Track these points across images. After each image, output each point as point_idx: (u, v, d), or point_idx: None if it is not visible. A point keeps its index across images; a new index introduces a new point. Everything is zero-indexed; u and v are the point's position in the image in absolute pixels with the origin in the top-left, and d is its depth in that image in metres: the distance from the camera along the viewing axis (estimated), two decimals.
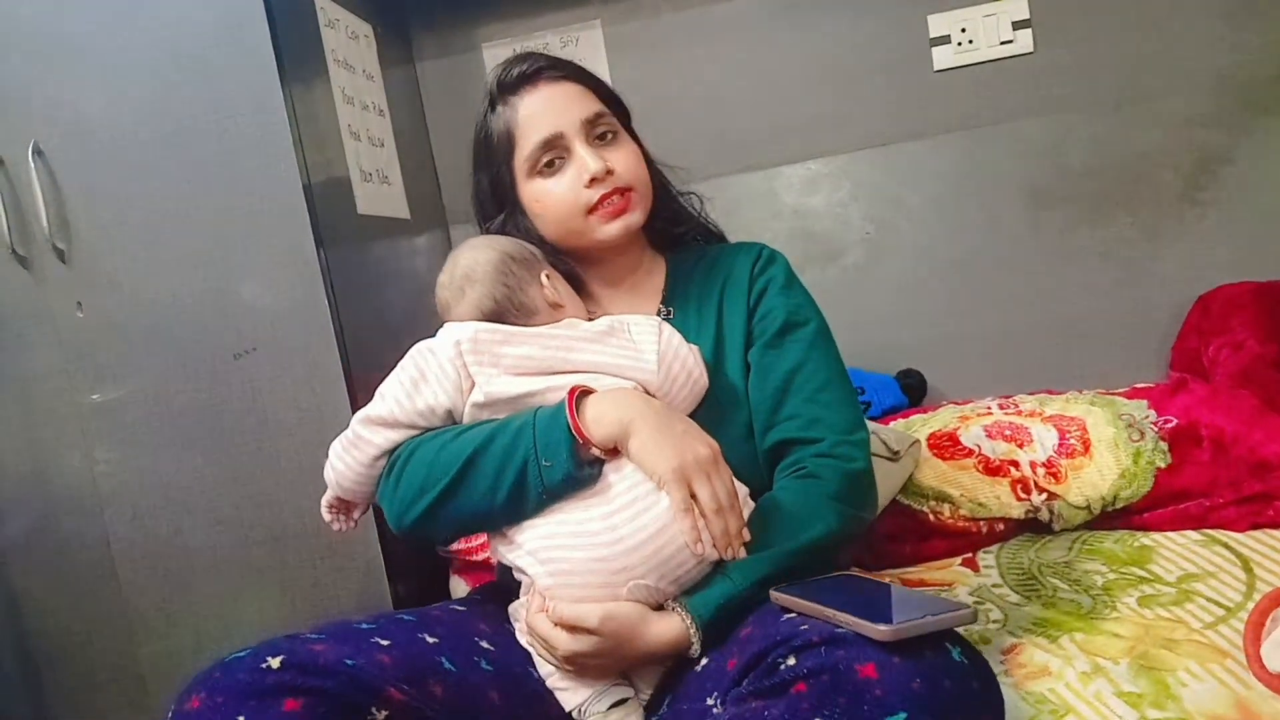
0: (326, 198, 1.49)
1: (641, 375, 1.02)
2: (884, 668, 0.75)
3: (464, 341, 1.01)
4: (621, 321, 1.07)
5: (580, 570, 0.94)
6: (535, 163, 1.10)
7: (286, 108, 1.41)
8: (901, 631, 0.77)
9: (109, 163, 1.45)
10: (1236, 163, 1.82)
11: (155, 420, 1.48)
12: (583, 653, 0.93)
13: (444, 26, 2.01)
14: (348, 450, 1.05)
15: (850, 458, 1.05)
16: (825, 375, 1.10)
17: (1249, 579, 1.23)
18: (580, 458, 0.94)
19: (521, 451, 0.95)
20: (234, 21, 1.41)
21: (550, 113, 1.10)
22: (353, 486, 1.07)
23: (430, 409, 1.02)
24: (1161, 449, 1.45)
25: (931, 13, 1.87)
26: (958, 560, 1.44)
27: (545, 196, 1.11)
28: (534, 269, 1.10)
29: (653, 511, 0.93)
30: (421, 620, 1.01)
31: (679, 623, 0.94)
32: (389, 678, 0.88)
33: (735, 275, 1.17)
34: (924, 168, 1.91)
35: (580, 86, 1.12)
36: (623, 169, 1.10)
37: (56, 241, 1.47)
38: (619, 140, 1.13)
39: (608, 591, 0.94)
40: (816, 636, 0.79)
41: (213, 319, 1.46)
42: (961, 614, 0.80)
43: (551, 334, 1.04)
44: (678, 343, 1.06)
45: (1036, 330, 1.89)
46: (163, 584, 1.51)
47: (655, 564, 0.93)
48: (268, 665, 0.83)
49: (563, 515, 0.96)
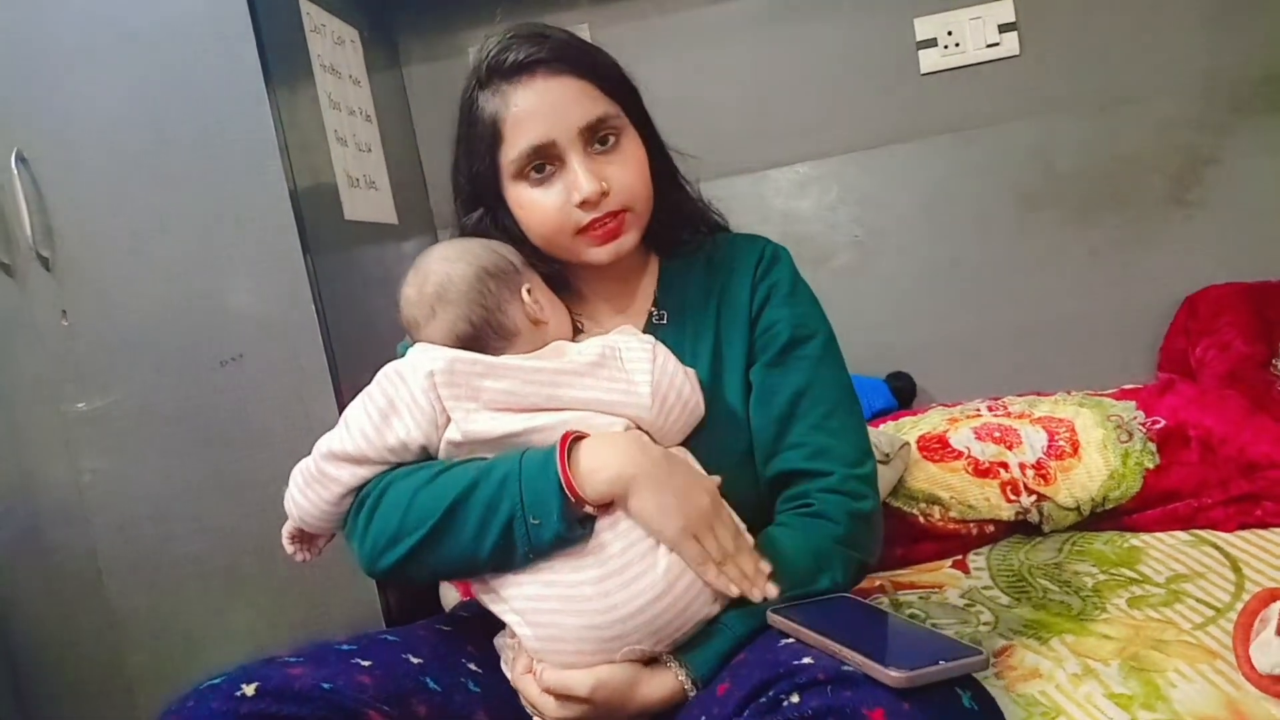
0: (313, 203, 1.48)
1: (634, 411, 0.95)
2: (893, 714, 0.72)
3: (439, 373, 0.92)
4: (612, 347, 0.98)
5: (571, 638, 0.88)
6: (523, 167, 0.99)
7: (272, 113, 1.40)
8: (915, 679, 0.73)
9: (93, 170, 1.44)
10: (1223, 164, 1.82)
11: (142, 428, 1.47)
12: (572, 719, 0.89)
13: (430, 31, 2.01)
14: (310, 485, 0.97)
15: (859, 495, 1.00)
16: (833, 398, 1.03)
17: (1238, 579, 1.23)
18: (571, 516, 0.87)
19: (507, 506, 0.88)
20: (219, 27, 1.40)
21: (544, 115, 0.97)
22: (317, 523, 0.99)
23: (402, 444, 0.93)
24: (1150, 450, 1.45)
25: (918, 16, 1.87)
26: (948, 562, 1.45)
27: (531, 206, 1.01)
28: (513, 283, 1.00)
29: (649, 577, 0.88)
30: (405, 640, 0.99)
31: (673, 679, 0.89)
32: (369, 699, 0.86)
33: (735, 280, 1.08)
34: (912, 171, 1.92)
35: (583, 83, 0.99)
36: (619, 187, 0.99)
37: (40, 249, 1.46)
38: (621, 145, 1.01)
39: (600, 658, 0.88)
40: (823, 674, 0.76)
41: (199, 326, 1.45)
42: (974, 660, 0.77)
43: (536, 368, 0.95)
44: (673, 369, 0.98)
45: (1025, 332, 1.90)
46: (150, 593, 1.49)
47: (651, 630, 0.88)
48: (242, 693, 0.81)
49: (552, 575, 0.89)
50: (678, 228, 1.12)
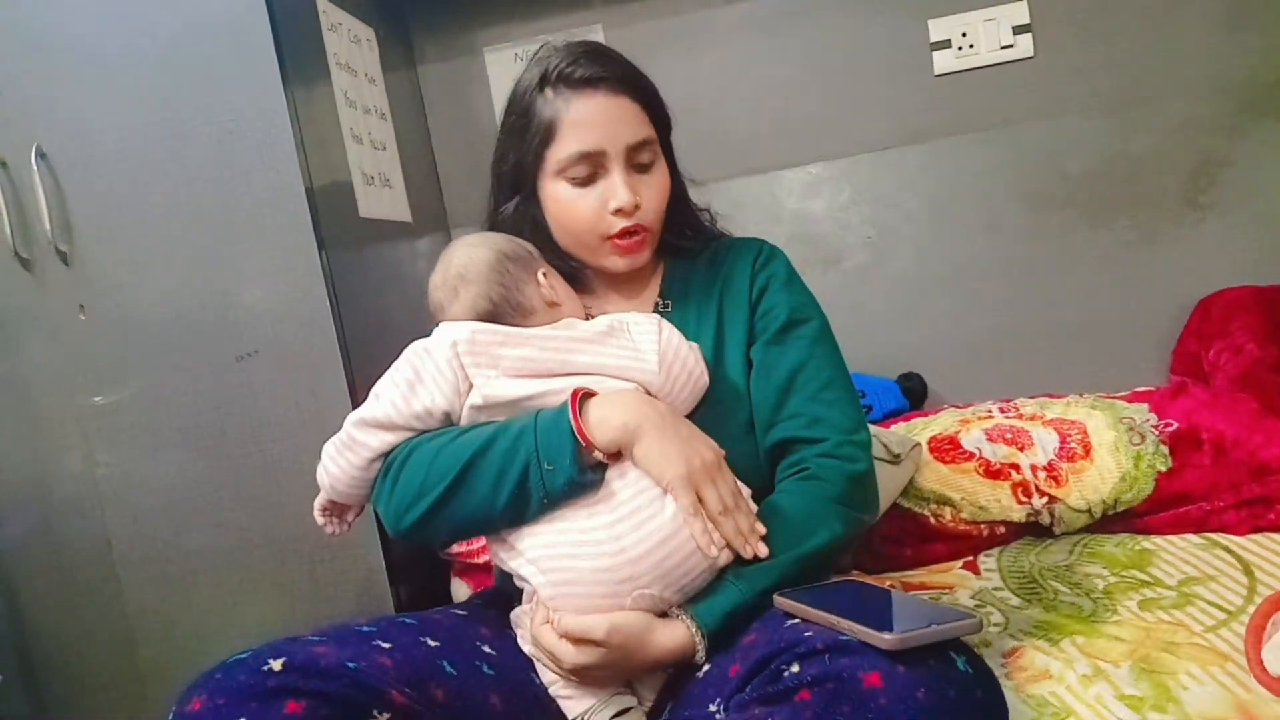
0: (328, 201, 1.49)
1: (642, 376, 1.01)
2: (888, 677, 0.75)
3: (461, 342, 0.99)
4: (621, 321, 1.05)
5: (584, 580, 0.92)
6: (567, 168, 1.07)
7: (289, 111, 1.41)
8: (907, 640, 0.76)
9: (111, 165, 1.45)
10: (1236, 166, 1.82)
11: (157, 423, 1.48)
12: (589, 665, 0.92)
13: (446, 30, 2.02)
14: (341, 453, 1.03)
15: (853, 458, 1.05)
16: (828, 374, 1.09)
17: (1250, 582, 1.23)
18: (583, 462, 0.93)
19: (523, 455, 0.94)
20: (237, 25, 1.41)
21: (600, 126, 1.06)
22: (347, 490, 1.05)
23: (427, 411, 1.00)
24: (1162, 452, 1.45)
25: (932, 17, 1.87)
26: (959, 563, 1.45)
27: (568, 205, 1.09)
28: (530, 267, 1.08)
29: (658, 520, 0.92)
30: (423, 624, 1.01)
31: (684, 631, 0.93)
32: (390, 680, 0.87)
33: (735, 271, 1.16)
34: (924, 172, 1.92)
35: (636, 106, 1.08)
36: (648, 207, 1.09)
37: (59, 244, 1.47)
38: (654, 171, 1.10)
39: (612, 601, 0.92)
40: (821, 644, 0.79)
41: (214, 322, 1.46)
42: (967, 623, 0.80)
43: (550, 335, 1.02)
44: (678, 341, 1.05)
45: (1037, 334, 1.90)
46: (163, 586, 1.51)
47: (660, 573, 0.92)
48: (269, 667, 0.83)
49: (564, 523, 0.94)
50: (685, 239, 1.20)
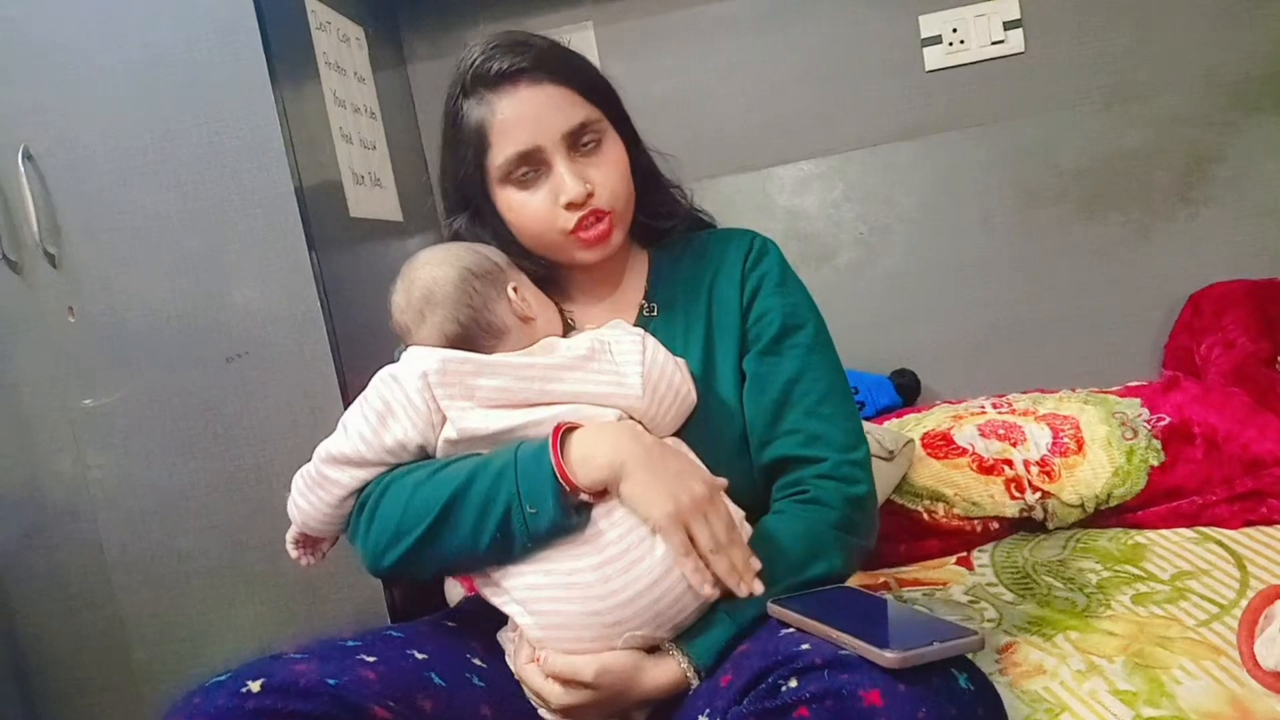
0: (318, 201, 1.48)
1: (626, 401, 0.96)
2: (889, 695, 0.73)
3: (431, 373, 0.94)
4: (602, 341, 1.00)
5: (572, 625, 0.89)
6: (509, 173, 1.02)
7: (278, 111, 1.40)
8: (909, 659, 0.74)
9: (100, 167, 1.44)
10: (1228, 161, 1.82)
11: (148, 425, 1.47)
12: (577, 706, 0.90)
13: (435, 28, 2.01)
14: (312, 489, 0.98)
15: (853, 480, 1.01)
16: (825, 385, 1.05)
17: (1242, 576, 1.23)
18: (567, 504, 0.88)
19: (504, 497, 0.89)
20: (225, 25, 1.40)
21: (529, 122, 1.00)
22: (320, 526, 1.01)
23: (400, 444, 0.95)
24: (1155, 447, 1.45)
25: (923, 13, 1.87)
26: (952, 559, 1.45)
27: (520, 209, 1.04)
28: (499, 282, 1.02)
29: (646, 562, 0.88)
30: (410, 636, 0.99)
31: (676, 668, 0.90)
32: (374, 695, 0.86)
33: (725, 269, 1.10)
34: (916, 168, 1.92)
35: (564, 90, 1.01)
36: (602, 188, 1.02)
37: (47, 246, 1.46)
38: (603, 148, 1.04)
39: (602, 644, 0.89)
40: (819, 659, 0.77)
41: (205, 323, 1.45)
42: (969, 641, 0.78)
43: (527, 363, 0.97)
44: (663, 359, 1.00)
45: (1030, 329, 1.90)
46: (156, 590, 1.50)
47: (650, 615, 0.89)
48: (248, 689, 0.82)
49: (550, 564, 0.90)
50: (661, 219, 1.14)
